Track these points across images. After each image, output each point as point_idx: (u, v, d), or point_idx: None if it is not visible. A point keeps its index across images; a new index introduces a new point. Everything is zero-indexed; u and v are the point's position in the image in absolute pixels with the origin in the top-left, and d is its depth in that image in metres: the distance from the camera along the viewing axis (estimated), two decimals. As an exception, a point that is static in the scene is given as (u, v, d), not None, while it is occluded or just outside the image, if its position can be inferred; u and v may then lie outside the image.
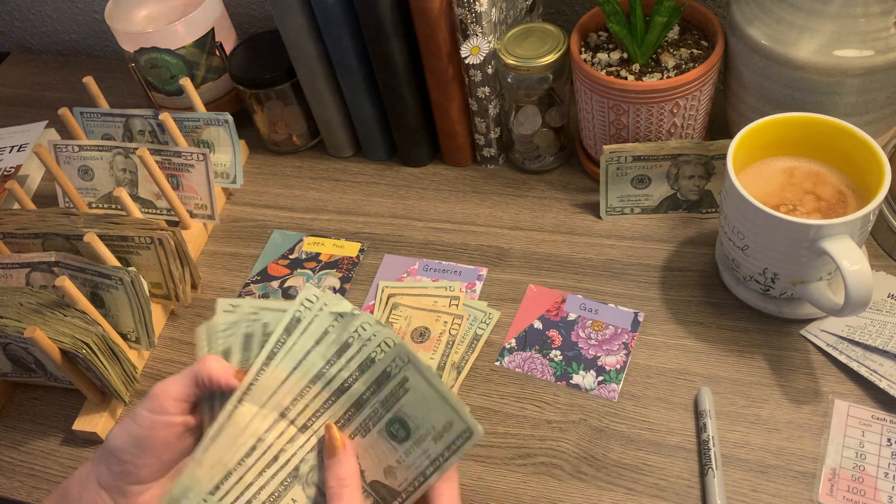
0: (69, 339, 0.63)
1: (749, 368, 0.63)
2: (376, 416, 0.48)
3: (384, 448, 0.48)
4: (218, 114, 0.82)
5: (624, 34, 0.69)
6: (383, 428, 0.48)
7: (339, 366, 0.48)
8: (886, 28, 0.60)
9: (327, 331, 0.48)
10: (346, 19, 0.74)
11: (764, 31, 0.63)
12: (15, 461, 0.69)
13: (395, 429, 0.47)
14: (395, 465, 0.47)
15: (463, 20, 0.70)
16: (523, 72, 0.71)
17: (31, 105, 1.07)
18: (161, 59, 0.86)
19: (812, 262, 0.58)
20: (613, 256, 0.72)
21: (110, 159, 0.82)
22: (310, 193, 0.85)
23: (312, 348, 0.48)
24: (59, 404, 0.72)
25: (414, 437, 0.47)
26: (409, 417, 0.47)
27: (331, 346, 0.48)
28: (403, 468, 0.47)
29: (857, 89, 0.62)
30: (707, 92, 0.69)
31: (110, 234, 0.71)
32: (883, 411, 0.58)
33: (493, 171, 0.83)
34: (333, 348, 0.48)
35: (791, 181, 0.62)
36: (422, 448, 0.47)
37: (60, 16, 1.13)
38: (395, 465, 0.47)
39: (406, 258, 0.76)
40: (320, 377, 0.48)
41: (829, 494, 0.55)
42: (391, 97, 0.79)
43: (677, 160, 0.71)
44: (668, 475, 0.58)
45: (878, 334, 0.61)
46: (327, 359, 0.48)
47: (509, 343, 0.68)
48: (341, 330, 0.48)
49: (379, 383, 0.47)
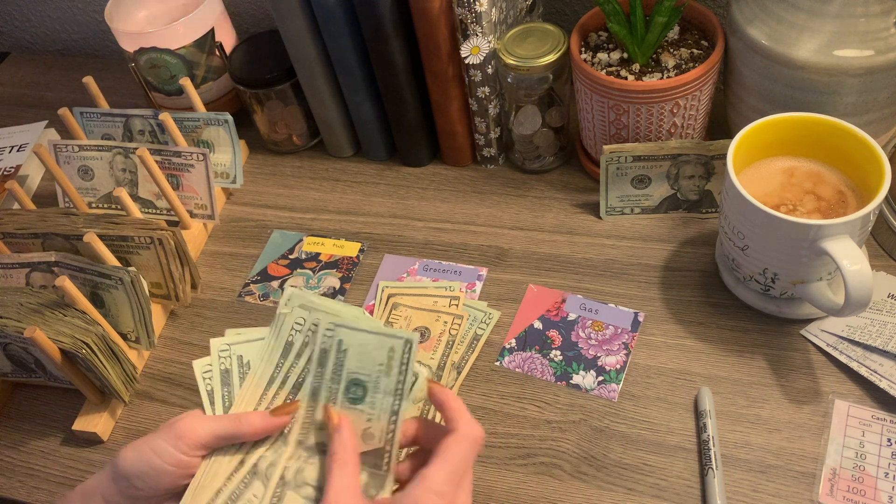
0: (69, 339, 0.63)
1: (749, 368, 0.63)
2: (333, 392, 0.49)
3: (352, 417, 0.49)
4: (218, 114, 0.82)
5: (624, 34, 0.69)
6: (344, 399, 0.49)
7: (287, 366, 0.50)
8: (886, 28, 0.60)
9: (290, 339, 0.51)
10: (346, 19, 0.74)
11: (764, 31, 0.63)
12: (15, 461, 0.69)
13: (353, 393, 0.49)
14: (367, 425, 0.48)
15: (463, 20, 0.70)
16: (523, 72, 0.71)
17: (31, 105, 1.07)
18: (161, 59, 0.86)
19: (812, 262, 0.58)
20: (613, 256, 0.72)
21: (110, 159, 0.82)
22: (310, 193, 0.85)
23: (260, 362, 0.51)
24: (59, 404, 0.72)
25: (371, 389, 0.48)
26: (359, 373, 0.49)
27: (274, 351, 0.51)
28: (375, 422, 0.48)
29: (857, 89, 0.62)
30: (707, 92, 0.69)
31: (110, 234, 0.71)
32: (883, 411, 0.58)
33: (493, 171, 0.83)
34: (278, 352, 0.51)
35: (791, 181, 0.62)
36: (380, 392, 0.48)
37: (60, 16, 1.13)
38: (368, 424, 0.48)
39: (406, 258, 0.76)
40: (272, 383, 0.51)
41: (829, 494, 0.55)
42: (391, 97, 0.79)
43: (677, 160, 0.71)
44: (669, 475, 0.58)
45: (878, 334, 0.61)
46: (275, 364, 0.51)
47: (509, 343, 0.68)
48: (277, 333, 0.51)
49: (322, 363, 0.50)
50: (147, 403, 0.71)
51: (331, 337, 0.49)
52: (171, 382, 0.72)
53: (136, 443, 0.48)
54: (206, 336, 0.74)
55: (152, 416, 0.70)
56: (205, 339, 0.74)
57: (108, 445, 0.69)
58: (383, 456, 0.48)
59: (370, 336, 0.48)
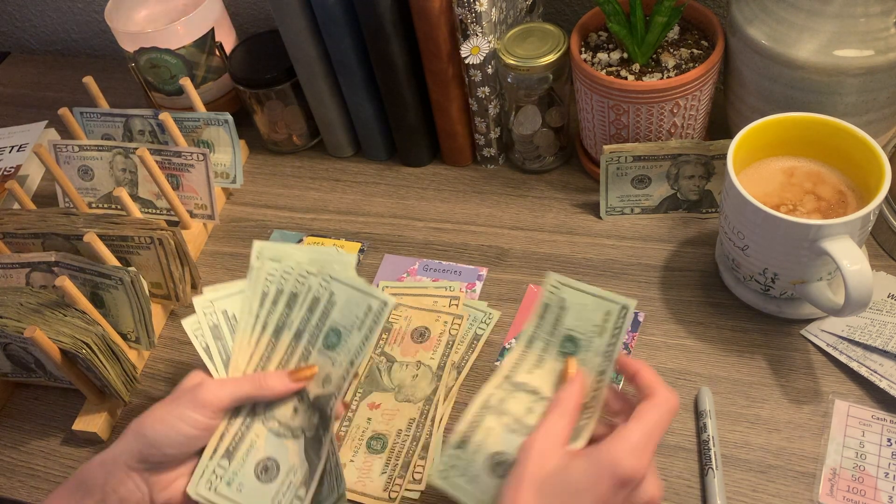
0: (69, 339, 0.63)
1: (749, 368, 0.63)
2: (314, 338, 0.55)
3: (321, 361, 0.54)
4: (218, 114, 0.82)
5: (624, 34, 0.69)
6: (321, 345, 0.54)
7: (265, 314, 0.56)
8: (886, 28, 0.60)
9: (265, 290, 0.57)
10: (346, 19, 0.74)
11: (764, 31, 0.63)
12: (15, 461, 0.69)
13: (329, 340, 0.54)
14: (330, 370, 0.53)
15: (463, 20, 0.70)
16: (523, 72, 0.71)
17: (31, 105, 1.07)
18: (161, 59, 0.86)
19: (812, 262, 0.58)
20: (613, 256, 0.72)
21: (110, 159, 0.82)
22: (310, 193, 0.85)
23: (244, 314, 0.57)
24: (59, 404, 0.72)
25: (344, 338, 0.53)
26: (339, 324, 0.54)
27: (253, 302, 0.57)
28: (336, 368, 0.53)
29: (857, 89, 0.62)
30: (707, 92, 0.69)
31: (110, 234, 0.71)
32: (883, 411, 0.58)
33: (493, 171, 0.83)
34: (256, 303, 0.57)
35: (791, 181, 0.62)
36: (350, 342, 0.53)
37: (60, 16, 1.13)
38: (331, 369, 0.53)
39: (406, 258, 0.76)
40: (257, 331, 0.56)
41: (829, 494, 0.55)
42: (391, 97, 0.79)
43: (677, 160, 0.71)
44: (668, 475, 0.58)
45: (878, 334, 0.61)
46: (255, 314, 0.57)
47: (509, 343, 0.68)
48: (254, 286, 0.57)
49: (311, 309, 0.55)
50: (147, 403, 0.70)
51: (325, 288, 0.54)
52: (171, 382, 0.72)
53: (159, 413, 0.51)
54: (206, 336, 0.74)
55: (152, 416, 0.70)
56: (205, 339, 0.74)
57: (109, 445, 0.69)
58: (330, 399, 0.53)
59: (354, 292, 0.53)
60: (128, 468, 0.50)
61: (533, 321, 0.53)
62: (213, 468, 0.53)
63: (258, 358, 0.56)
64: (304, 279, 0.56)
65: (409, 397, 0.65)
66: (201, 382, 0.52)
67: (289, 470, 0.54)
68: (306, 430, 0.54)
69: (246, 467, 0.54)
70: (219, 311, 0.57)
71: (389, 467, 0.62)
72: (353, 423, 0.65)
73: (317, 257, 0.56)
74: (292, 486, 0.53)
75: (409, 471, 0.61)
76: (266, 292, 0.57)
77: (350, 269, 0.55)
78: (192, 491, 0.52)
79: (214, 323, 0.56)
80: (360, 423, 0.65)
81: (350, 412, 0.65)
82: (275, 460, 0.54)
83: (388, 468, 0.62)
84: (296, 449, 0.54)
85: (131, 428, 0.51)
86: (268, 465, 0.54)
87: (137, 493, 0.51)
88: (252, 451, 0.54)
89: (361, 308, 0.53)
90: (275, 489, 0.53)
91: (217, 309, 0.57)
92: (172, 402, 0.51)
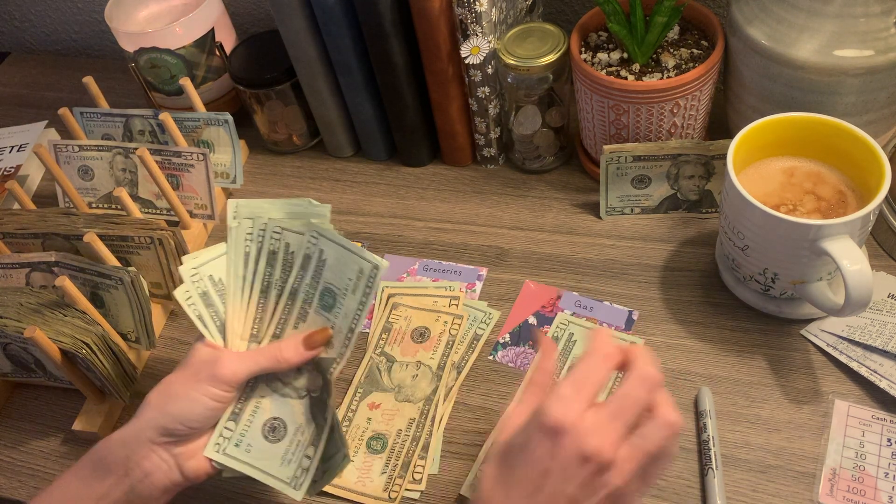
0: (69, 339, 0.63)
1: (749, 368, 0.63)
2: (309, 297, 0.54)
3: (320, 322, 0.54)
4: (218, 114, 0.82)
5: (624, 34, 0.69)
6: (317, 305, 0.54)
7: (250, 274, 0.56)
8: (886, 28, 0.60)
9: (247, 250, 0.56)
10: (346, 19, 0.74)
11: (764, 31, 0.63)
12: (15, 461, 0.69)
13: (325, 301, 0.54)
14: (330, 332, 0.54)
15: (463, 20, 0.70)
16: (523, 72, 0.71)
17: (31, 105, 1.07)
18: (161, 59, 0.86)
19: (812, 262, 0.58)
20: (613, 256, 0.72)
21: (110, 159, 0.82)
22: (310, 193, 0.85)
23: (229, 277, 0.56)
24: (59, 404, 0.72)
25: (339, 300, 0.53)
26: (332, 284, 0.53)
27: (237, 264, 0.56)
28: (336, 333, 0.53)
29: (857, 89, 0.62)
30: (707, 92, 0.69)
31: (110, 234, 0.71)
32: (883, 411, 0.58)
33: (493, 171, 0.83)
34: (240, 264, 0.56)
35: (791, 181, 0.62)
36: (347, 306, 0.52)
37: (60, 16, 1.13)
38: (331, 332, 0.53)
39: (406, 258, 0.76)
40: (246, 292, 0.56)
41: (829, 494, 0.55)
42: (391, 97, 0.79)
43: (677, 160, 0.71)
44: (668, 475, 0.58)
45: (878, 334, 0.61)
46: (241, 276, 0.56)
47: (503, 338, 0.68)
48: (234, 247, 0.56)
49: (304, 267, 0.54)
50: (147, 403, 0.71)
51: (314, 244, 0.54)
52: (171, 382, 0.72)
53: (180, 388, 0.52)
54: (206, 336, 0.74)
55: (152, 416, 0.70)
56: (205, 339, 0.74)
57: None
58: (332, 363, 0.53)
59: (344, 252, 0.52)
60: (151, 443, 0.51)
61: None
62: (219, 431, 0.54)
63: (251, 320, 0.56)
64: (279, 235, 0.55)
65: (409, 397, 0.65)
66: (218, 357, 0.53)
67: (296, 429, 0.54)
68: (311, 391, 0.55)
69: (253, 428, 0.55)
70: (205, 278, 0.56)
71: (389, 467, 0.62)
72: (352, 423, 0.65)
73: (292, 209, 0.55)
74: (301, 444, 0.54)
75: (409, 471, 0.61)
76: (248, 252, 0.56)
77: (327, 221, 0.55)
78: (206, 454, 0.54)
79: (203, 290, 0.56)
80: (359, 423, 0.65)
81: (350, 412, 0.65)
82: (282, 420, 0.55)
83: (388, 468, 0.62)
84: (301, 409, 0.55)
85: (151, 403, 0.52)
86: (275, 424, 0.55)
87: (164, 465, 0.51)
88: (258, 411, 0.55)
89: (353, 269, 0.52)
90: (283, 448, 0.54)
91: (203, 275, 0.56)
92: (192, 379, 0.52)
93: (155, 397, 0.52)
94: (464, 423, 0.64)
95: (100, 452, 0.52)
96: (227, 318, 0.56)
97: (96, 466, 0.51)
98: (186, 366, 0.53)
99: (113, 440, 0.52)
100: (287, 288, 0.55)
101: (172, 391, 0.52)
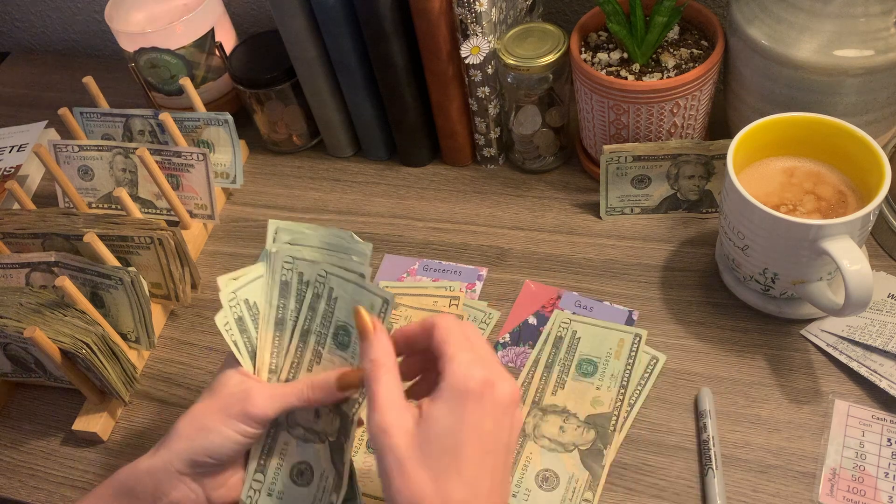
0: (69, 339, 0.63)
1: (749, 368, 0.63)
2: (322, 337, 0.52)
3: (337, 363, 0.51)
4: (218, 114, 0.82)
5: (624, 34, 0.69)
6: (332, 344, 0.52)
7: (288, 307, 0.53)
8: (886, 28, 0.60)
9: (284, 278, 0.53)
10: (346, 19, 0.74)
11: (764, 31, 0.63)
12: (15, 461, 0.69)
13: (340, 339, 0.51)
14: None
15: (463, 20, 0.70)
16: (523, 72, 0.71)
17: (31, 105, 1.07)
18: (161, 59, 0.86)
19: (812, 262, 0.58)
20: (613, 256, 0.72)
21: (110, 159, 0.82)
22: (310, 193, 0.85)
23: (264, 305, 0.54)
24: (59, 404, 0.72)
25: (353, 337, 0.50)
26: (346, 321, 0.51)
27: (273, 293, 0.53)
28: None
29: (857, 89, 0.62)
30: (707, 92, 0.69)
31: (110, 234, 0.71)
32: (883, 411, 0.58)
33: (493, 171, 0.83)
34: (276, 293, 0.53)
35: (791, 181, 0.62)
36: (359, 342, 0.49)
37: (60, 16, 1.13)
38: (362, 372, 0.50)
39: (406, 258, 0.76)
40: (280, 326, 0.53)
41: (830, 494, 0.55)
42: (391, 97, 0.79)
43: (677, 160, 0.71)
44: (668, 475, 0.58)
45: (878, 334, 0.61)
46: (276, 306, 0.53)
47: (503, 338, 0.68)
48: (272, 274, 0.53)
49: (313, 307, 0.52)
50: (147, 403, 0.71)
51: (322, 282, 0.52)
52: (171, 382, 0.72)
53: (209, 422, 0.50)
54: (206, 336, 0.74)
55: (152, 416, 0.70)
56: (205, 339, 0.74)
57: (109, 445, 0.69)
58: (354, 404, 0.51)
59: (356, 287, 0.50)
60: (179, 473, 0.50)
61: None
62: (249, 482, 0.53)
63: (270, 355, 0.54)
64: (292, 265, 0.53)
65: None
66: (249, 392, 0.50)
67: (321, 474, 0.53)
68: (329, 434, 0.53)
69: (282, 474, 0.53)
70: (241, 302, 0.54)
71: (389, 467, 0.62)
72: (353, 423, 0.65)
73: (333, 242, 0.52)
74: (326, 490, 0.52)
75: (409, 471, 0.61)
76: (286, 281, 0.53)
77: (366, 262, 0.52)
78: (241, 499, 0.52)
79: (239, 315, 0.53)
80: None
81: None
82: (308, 464, 0.53)
83: (388, 468, 0.61)
84: (325, 453, 0.53)
85: (180, 434, 0.50)
86: (302, 469, 0.53)
87: (192, 495, 0.50)
88: (286, 457, 0.53)
89: (364, 306, 0.50)
90: (312, 493, 0.53)
91: (240, 299, 0.54)
92: (223, 412, 0.50)
93: (184, 427, 0.50)
94: (464, 423, 0.64)
95: (126, 483, 0.50)
96: (259, 349, 0.54)
97: (124, 494, 0.50)
98: (217, 395, 0.51)
99: (140, 470, 0.50)
100: (299, 325, 0.53)
101: (203, 423, 0.50)
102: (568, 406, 0.62)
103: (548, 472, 0.59)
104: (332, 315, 0.52)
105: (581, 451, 0.60)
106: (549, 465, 0.59)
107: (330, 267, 0.51)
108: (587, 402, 0.62)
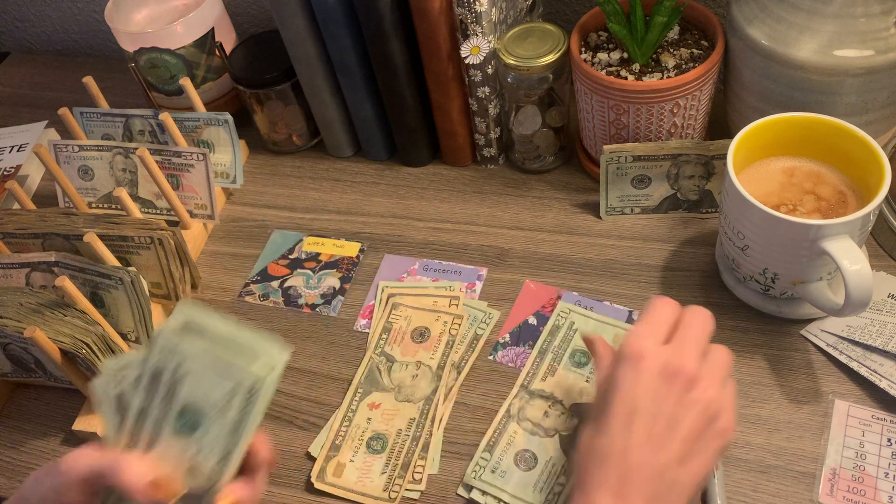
0: (69, 339, 0.63)
1: (749, 368, 0.63)
2: (160, 419, 0.45)
3: (179, 448, 0.44)
4: (218, 114, 0.82)
5: (624, 34, 0.69)
6: (172, 427, 0.44)
7: (133, 392, 0.45)
8: (886, 28, 0.60)
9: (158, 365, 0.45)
10: (346, 19, 0.74)
11: (764, 31, 0.63)
12: (15, 461, 0.69)
13: (185, 422, 0.44)
14: (196, 460, 0.44)
15: (463, 20, 0.70)
16: (523, 72, 0.71)
17: (31, 105, 1.07)
18: (161, 59, 0.86)
19: (812, 262, 0.58)
20: (613, 256, 0.72)
21: (110, 159, 0.82)
22: (310, 193, 0.85)
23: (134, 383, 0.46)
24: (59, 404, 0.72)
25: (206, 420, 0.44)
26: (197, 400, 0.44)
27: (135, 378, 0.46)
28: (203, 458, 0.44)
29: (857, 89, 0.62)
30: (707, 92, 0.69)
31: (110, 234, 0.71)
32: (883, 411, 0.58)
33: (493, 171, 0.83)
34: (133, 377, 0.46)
35: (791, 181, 0.62)
36: (217, 427, 0.43)
37: (60, 16, 1.13)
38: (196, 459, 0.44)
39: (406, 258, 0.76)
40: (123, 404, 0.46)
41: (830, 494, 0.55)
42: (391, 97, 0.79)
43: (677, 160, 0.71)
44: (668, 475, 0.58)
45: (878, 334, 0.61)
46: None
47: (503, 338, 0.68)
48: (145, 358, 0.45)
49: (153, 384, 0.44)
50: (147, 403, 0.71)
51: (168, 357, 0.44)
52: (171, 382, 0.72)
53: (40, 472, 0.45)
54: (206, 336, 0.74)
55: (152, 416, 0.70)
56: (205, 339, 0.74)
57: (108, 445, 0.69)
58: (205, 495, 0.45)
59: (216, 362, 0.43)
60: None
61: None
62: None
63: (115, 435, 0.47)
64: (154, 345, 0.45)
65: (409, 397, 0.65)
66: (73, 451, 0.45)
67: None
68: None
69: None
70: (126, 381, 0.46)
71: (389, 467, 0.62)
72: (352, 423, 0.65)
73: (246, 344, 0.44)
74: None
75: (409, 471, 0.61)
76: (160, 367, 0.45)
77: (274, 377, 0.44)
78: None
79: (119, 392, 0.46)
80: (360, 423, 0.65)
81: (350, 412, 0.65)
82: None
83: (388, 468, 0.62)
84: None
85: None
86: None
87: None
88: None
89: (222, 387, 0.43)
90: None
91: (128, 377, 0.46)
92: (42, 470, 0.46)
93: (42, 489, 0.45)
94: (464, 422, 0.64)
95: None
96: None
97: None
98: None
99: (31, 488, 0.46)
100: (136, 405, 0.45)
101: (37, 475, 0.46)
102: (556, 393, 0.63)
103: (527, 453, 0.60)
104: (175, 394, 0.44)
105: (562, 437, 0.61)
106: (529, 447, 0.61)
107: (179, 342, 0.44)
108: (575, 392, 0.63)
